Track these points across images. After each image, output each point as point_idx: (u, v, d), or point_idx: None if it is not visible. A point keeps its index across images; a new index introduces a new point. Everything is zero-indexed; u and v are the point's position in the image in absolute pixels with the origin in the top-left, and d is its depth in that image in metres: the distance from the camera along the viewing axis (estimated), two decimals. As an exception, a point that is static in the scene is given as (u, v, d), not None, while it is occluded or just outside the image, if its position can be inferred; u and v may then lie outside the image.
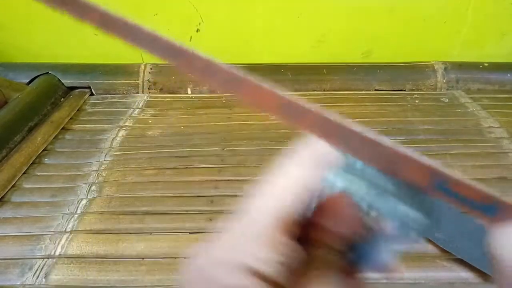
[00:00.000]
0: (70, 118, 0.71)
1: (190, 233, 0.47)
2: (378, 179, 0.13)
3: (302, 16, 0.80)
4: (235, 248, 0.13)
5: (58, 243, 0.46)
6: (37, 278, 0.42)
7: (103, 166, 0.58)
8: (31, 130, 0.65)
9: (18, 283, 0.42)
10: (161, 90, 0.79)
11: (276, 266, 0.13)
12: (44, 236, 0.47)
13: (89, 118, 0.71)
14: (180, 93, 0.78)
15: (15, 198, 0.53)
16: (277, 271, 0.13)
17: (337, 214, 0.14)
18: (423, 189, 0.12)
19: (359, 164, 0.13)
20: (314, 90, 0.78)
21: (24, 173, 0.57)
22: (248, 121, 0.68)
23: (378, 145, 0.12)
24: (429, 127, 0.66)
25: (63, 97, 0.76)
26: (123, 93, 0.78)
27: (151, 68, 0.80)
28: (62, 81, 0.78)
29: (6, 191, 0.53)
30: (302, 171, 0.14)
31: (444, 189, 0.12)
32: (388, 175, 0.13)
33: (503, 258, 0.11)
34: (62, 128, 0.68)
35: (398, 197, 0.13)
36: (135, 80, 0.78)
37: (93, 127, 0.68)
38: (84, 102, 0.76)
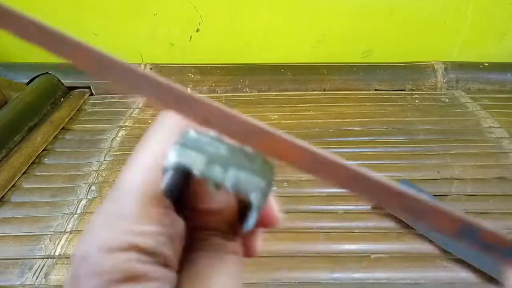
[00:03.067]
0: (70, 118, 0.70)
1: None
2: (208, 146, 0.13)
3: (302, 16, 0.80)
4: (109, 227, 0.12)
5: (58, 243, 0.46)
6: (37, 278, 0.42)
7: (103, 166, 0.58)
8: (31, 130, 0.65)
9: (18, 283, 0.42)
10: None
11: (155, 237, 0.12)
12: (44, 236, 0.47)
13: (89, 118, 0.71)
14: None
15: (15, 198, 0.53)
16: (158, 242, 0.12)
17: (193, 194, 0.14)
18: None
19: (191, 134, 0.13)
20: (314, 90, 0.78)
21: (24, 173, 0.57)
22: (248, 121, 0.68)
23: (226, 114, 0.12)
24: (429, 127, 0.66)
25: (63, 97, 0.76)
26: (123, 93, 0.78)
27: (151, 68, 0.80)
28: (62, 81, 0.78)
29: (6, 191, 0.53)
30: (160, 144, 0.14)
31: (468, 234, 0.12)
32: (221, 141, 0.13)
33: None
34: (62, 128, 0.68)
35: (233, 163, 0.13)
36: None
37: (93, 127, 0.68)
38: (84, 102, 0.76)
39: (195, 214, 0.15)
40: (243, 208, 0.15)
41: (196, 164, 0.13)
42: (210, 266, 0.14)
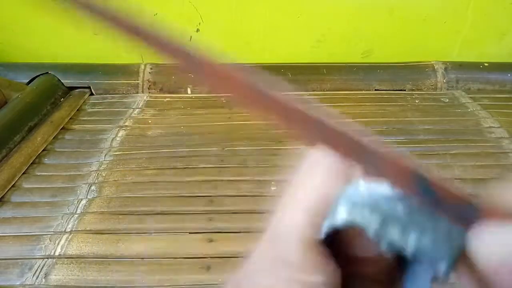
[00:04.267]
0: (70, 118, 0.70)
1: (190, 233, 0.47)
2: (384, 203, 0.11)
3: (302, 16, 0.80)
4: (274, 275, 0.12)
5: (58, 243, 0.46)
6: (36, 278, 0.42)
7: (103, 166, 0.58)
8: (31, 130, 0.65)
9: (18, 283, 0.42)
10: (161, 90, 0.79)
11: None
12: (44, 236, 0.47)
13: (89, 118, 0.71)
14: (180, 93, 0.78)
15: (15, 198, 0.53)
16: None
17: (353, 247, 0.13)
18: (411, 193, 0.12)
19: (361, 187, 0.12)
20: (314, 90, 0.78)
21: (24, 173, 0.57)
22: (248, 121, 0.68)
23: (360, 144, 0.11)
24: (429, 127, 0.66)
25: (63, 97, 0.76)
26: (123, 93, 0.78)
27: (151, 68, 0.80)
28: (62, 81, 0.78)
29: (6, 191, 0.53)
30: (324, 184, 0.13)
31: (424, 189, 0.11)
32: (397, 198, 0.12)
33: (483, 259, 0.11)
34: (62, 128, 0.68)
35: (411, 224, 0.11)
36: (135, 80, 0.78)
37: (93, 127, 0.68)
38: (84, 102, 0.76)
39: (350, 261, 0.14)
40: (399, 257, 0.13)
41: (371, 223, 0.11)
42: None
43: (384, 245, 0.11)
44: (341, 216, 0.11)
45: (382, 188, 0.11)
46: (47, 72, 0.78)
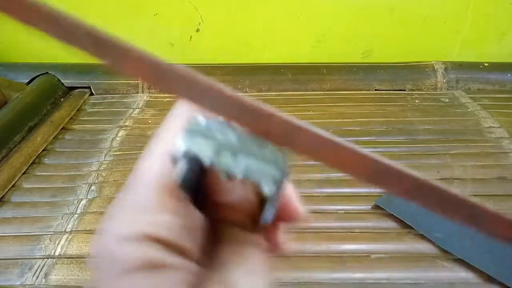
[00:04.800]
0: (70, 118, 0.70)
1: (190, 233, 0.47)
2: (217, 132, 0.12)
3: (302, 16, 0.80)
4: (127, 218, 0.12)
5: (58, 243, 0.46)
6: (36, 278, 0.42)
7: (103, 166, 0.58)
8: (31, 130, 0.65)
9: (18, 283, 0.42)
10: (161, 90, 0.78)
11: (173, 229, 0.12)
12: (44, 236, 0.47)
13: (89, 118, 0.71)
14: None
15: (15, 198, 0.53)
16: (175, 233, 0.12)
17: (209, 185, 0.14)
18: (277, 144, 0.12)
19: (200, 121, 0.13)
20: (314, 90, 0.78)
21: (24, 173, 0.57)
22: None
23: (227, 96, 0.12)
24: (429, 127, 0.66)
25: (63, 97, 0.76)
26: (123, 93, 0.78)
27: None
28: (62, 81, 0.78)
29: (6, 191, 0.53)
30: (174, 132, 0.13)
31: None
32: (230, 127, 0.13)
33: None
34: (62, 128, 0.68)
35: (241, 150, 0.12)
36: (135, 80, 0.78)
37: (93, 127, 0.68)
38: (84, 102, 0.76)
39: (215, 207, 0.14)
40: (264, 202, 0.15)
41: (205, 151, 0.12)
42: (232, 258, 0.13)
43: (220, 171, 0.12)
44: (179, 146, 0.12)
45: (216, 120, 0.12)
46: (47, 72, 0.78)
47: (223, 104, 0.12)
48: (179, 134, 0.13)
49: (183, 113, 0.14)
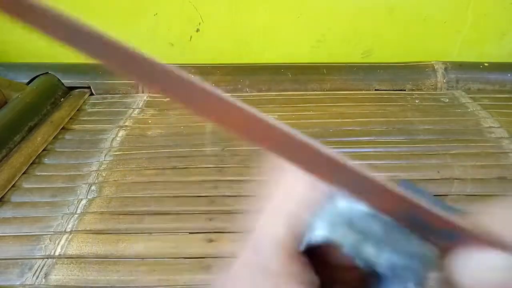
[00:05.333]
0: (70, 118, 0.70)
1: (190, 233, 0.47)
2: (361, 221, 0.12)
3: (302, 16, 0.80)
4: (255, 283, 0.12)
5: (58, 243, 0.46)
6: (36, 278, 0.42)
7: (103, 166, 0.58)
8: (31, 130, 0.65)
9: (18, 283, 0.42)
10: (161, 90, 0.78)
11: None
12: (44, 236, 0.47)
13: (89, 118, 0.71)
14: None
15: (15, 198, 0.53)
16: None
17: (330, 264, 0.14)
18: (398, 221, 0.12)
19: (340, 204, 0.12)
20: (314, 90, 0.78)
21: (24, 173, 0.57)
22: (248, 121, 0.68)
23: (350, 171, 0.11)
24: (429, 127, 0.66)
25: (63, 97, 0.76)
26: (123, 93, 0.78)
27: (151, 68, 0.80)
28: (62, 81, 0.78)
29: (6, 191, 0.53)
30: (304, 195, 0.13)
31: (410, 216, 0.12)
32: (374, 217, 0.12)
33: (463, 283, 0.11)
34: (62, 128, 0.68)
35: (385, 243, 0.12)
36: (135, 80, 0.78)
37: (93, 127, 0.68)
38: (84, 102, 0.76)
39: (327, 267, 0.14)
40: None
41: (346, 241, 0.12)
42: None
43: (359, 261, 0.12)
44: (319, 232, 0.12)
45: (359, 206, 0.12)
46: (47, 72, 0.78)
47: (351, 180, 0.11)
48: (305, 205, 0.12)
49: (304, 176, 0.13)
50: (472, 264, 0.11)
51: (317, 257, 0.14)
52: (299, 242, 0.12)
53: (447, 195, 0.52)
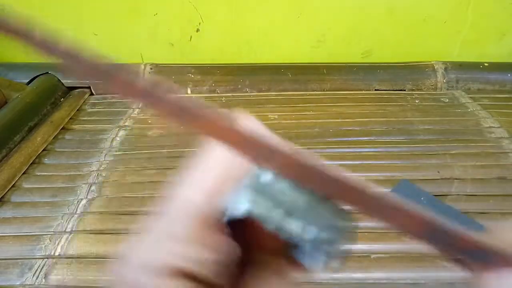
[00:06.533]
0: (70, 118, 0.70)
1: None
2: (285, 195, 0.12)
3: (302, 16, 0.80)
4: (159, 248, 0.12)
5: (58, 243, 0.46)
6: (36, 278, 0.42)
7: (103, 166, 0.58)
8: (31, 130, 0.65)
9: (18, 283, 0.42)
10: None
11: (208, 265, 0.12)
12: (44, 236, 0.47)
13: (89, 118, 0.71)
14: (180, 93, 0.78)
15: (15, 198, 0.53)
16: (211, 270, 0.12)
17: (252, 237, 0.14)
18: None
19: (264, 177, 0.12)
20: (314, 90, 0.78)
21: (24, 173, 0.57)
22: (248, 121, 0.68)
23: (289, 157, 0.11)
24: (429, 127, 0.66)
25: (63, 97, 0.76)
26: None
27: (151, 68, 0.80)
28: (62, 81, 0.78)
29: (6, 191, 0.53)
30: (224, 166, 0.13)
31: (437, 236, 0.12)
32: (300, 190, 0.12)
33: None
34: (62, 128, 0.68)
35: (308, 216, 0.12)
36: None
37: (93, 127, 0.68)
38: (84, 102, 0.76)
39: (252, 235, 0.14)
40: None
41: (272, 216, 0.12)
42: (264, 287, 0.13)
43: (281, 234, 0.12)
44: (241, 206, 0.12)
45: (281, 180, 0.12)
46: (47, 72, 0.78)
47: (270, 156, 0.11)
48: (228, 180, 0.12)
49: (227, 154, 0.13)
50: (501, 285, 0.11)
51: (241, 229, 0.13)
52: (221, 214, 0.12)
53: (447, 195, 0.52)
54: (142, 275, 0.11)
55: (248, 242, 0.14)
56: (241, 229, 0.13)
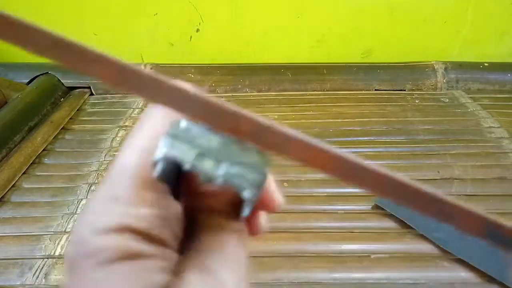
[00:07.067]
0: (70, 118, 0.70)
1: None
2: (199, 137, 0.13)
3: (302, 16, 0.80)
4: (103, 209, 0.12)
5: (58, 243, 0.46)
6: (37, 278, 0.42)
7: (103, 166, 0.58)
8: (31, 130, 0.65)
9: (18, 283, 0.42)
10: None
11: (149, 220, 0.12)
12: (44, 236, 0.47)
13: (89, 118, 0.71)
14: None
15: (15, 198, 0.53)
16: (153, 224, 0.12)
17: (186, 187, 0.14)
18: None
19: (182, 124, 0.13)
20: (314, 90, 0.78)
21: (24, 173, 0.57)
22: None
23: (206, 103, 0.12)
24: (429, 127, 0.66)
25: (63, 97, 0.76)
26: (123, 93, 0.78)
27: (151, 68, 0.80)
28: (62, 81, 0.78)
29: (6, 191, 0.53)
30: (159, 126, 0.14)
31: (492, 233, 0.12)
32: (212, 133, 0.13)
33: None
34: (62, 128, 0.68)
35: (220, 154, 0.13)
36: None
37: (93, 127, 0.68)
38: (84, 102, 0.76)
39: (194, 196, 0.15)
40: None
41: (186, 157, 0.13)
42: (211, 245, 0.14)
43: (201, 176, 0.13)
44: (160, 150, 0.13)
45: (198, 124, 0.13)
46: (47, 72, 0.78)
47: (188, 104, 0.12)
48: (160, 135, 0.13)
49: (163, 111, 0.14)
50: None
51: (181, 184, 0.14)
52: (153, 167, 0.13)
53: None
54: (91, 236, 0.12)
55: (191, 199, 0.15)
56: (178, 184, 0.14)
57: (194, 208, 0.15)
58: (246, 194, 0.13)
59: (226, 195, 0.15)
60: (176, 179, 0.14)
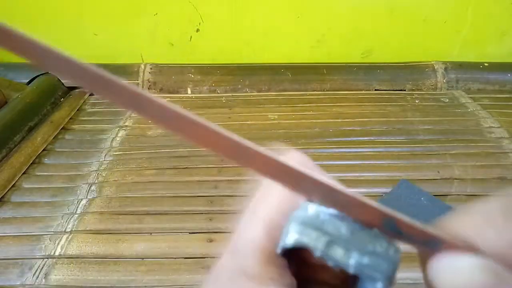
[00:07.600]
0: (70, 118, 0.70)
1: (190, 233, 0.47)
2: (329, 224, 0.13)
3: (302, 16, 0.80)
4: (231, 285, 0.13)
5: (58, 243, 0.46)
6: (37, 278, 0.42)
7: (103, 166, 0.58)
8: (31, 130, 0.65)
9: (18, 283, 0.42)
10: (161, 90, 0.79)
11: None
12: (44, 236, 0.47)
13: (89, 118, 0.71)
14: (180, 93, 0.78)
15: (15, 198, 0.53)
16: None
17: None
18: (377, 228, 0.13)
19: (311, 209, 0.13)
20: (314, 90, 0.78)
21: (24, 173, 0.57)
22: (248, 121, 0.68)
23: (331, 189, 0.12)
24: (429, 127, 0.66)
25: (63, 97, 0.76)
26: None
27: (151, 68, 0.80)
28: (62, 81, 0.78)
29: (6, 191, 0.53)
30: (282, 201, 0.14)
31: (391, 228, 0.13)
32: (342, 219, 0.13)
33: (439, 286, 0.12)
34: (62, 128, 0.68)
35: (353, 244, 0.13)
36: (135, 80, 0.78)
37: (93, 127, 0.68)
38: (84, 102, 0.76)
39: (306, 266, 0.14)
40: None
41: (317, 245, 0.12)
42: None
43: (330, 263, 0.12)
44: (292, 236, 0.13)
45: (327, 209, 0.13)
46: (47, 72, 0.78)
47: (326, 194, 0.12)
48: (285, 210, 0.13)
49: (280, 188, 0.14)
50: (445, 268, 0.12)
51: (295, 259, 0.14)
52: (276, 246, 0.13)
53: (447, 195, 0.52)
54: None
55: (304, 275, 0.14)
56: (295, 261, 0.14)
57: (304, 280, 0.14)
58: (379, 286, 0.13)
59: (337, 269, 0.14)
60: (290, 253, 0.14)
